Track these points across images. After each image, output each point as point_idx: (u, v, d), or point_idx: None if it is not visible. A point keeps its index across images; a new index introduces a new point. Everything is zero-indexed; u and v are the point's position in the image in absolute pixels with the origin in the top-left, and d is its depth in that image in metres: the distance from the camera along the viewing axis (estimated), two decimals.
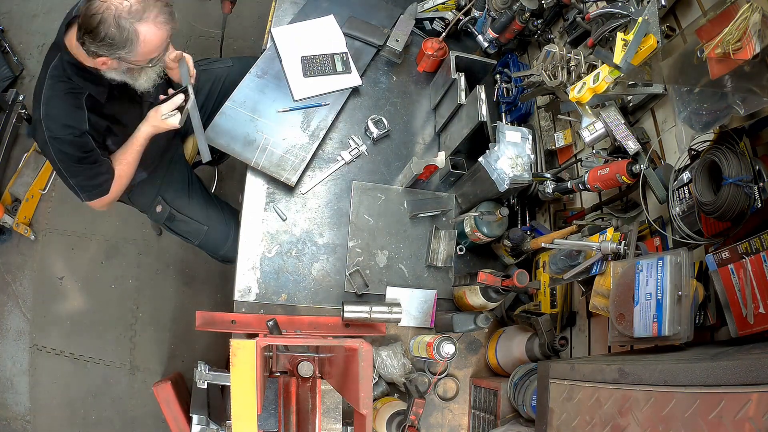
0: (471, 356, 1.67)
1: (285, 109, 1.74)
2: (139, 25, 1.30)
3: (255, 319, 1.54)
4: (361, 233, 1.69)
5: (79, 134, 1.45)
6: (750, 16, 0.92)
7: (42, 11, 2.87)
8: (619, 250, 1.24)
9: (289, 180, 1.65)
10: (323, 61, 1.79)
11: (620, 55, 1.17)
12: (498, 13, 1.79)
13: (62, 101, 1.42)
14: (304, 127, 1.73)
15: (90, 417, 2.44)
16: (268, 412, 1.43)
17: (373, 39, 1.87)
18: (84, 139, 1.46)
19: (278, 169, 1.66)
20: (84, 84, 1.43)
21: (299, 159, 1.68)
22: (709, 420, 0.77)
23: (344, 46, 1.83)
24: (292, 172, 1.66)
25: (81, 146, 1.47)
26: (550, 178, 1.62)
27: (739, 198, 1.00)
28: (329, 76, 1.78)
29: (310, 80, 1.76)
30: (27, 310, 2.52)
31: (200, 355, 2.34)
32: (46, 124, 1.43)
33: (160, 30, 1.34)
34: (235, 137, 1.66)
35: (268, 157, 1.66)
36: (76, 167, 1.51)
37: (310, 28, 1.84)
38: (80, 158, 1.49)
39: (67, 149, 1.46)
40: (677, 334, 1.04)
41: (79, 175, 1.54)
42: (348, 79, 1.80)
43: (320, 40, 1.82)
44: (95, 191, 1.58)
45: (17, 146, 2.65)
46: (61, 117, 1.43)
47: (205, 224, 1.86)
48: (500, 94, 1.94)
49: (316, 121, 1.74)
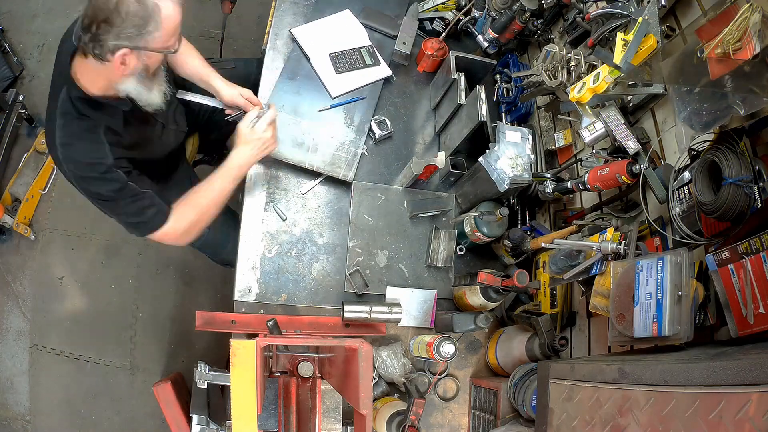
0: (471, 356, 1.67)
1: (325, 107, 1.75)
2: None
3: (255, 319, 1.54)
4: (361, 233, 1.69)
5: (106, 169, 1.36)
6: (750, 16, 0.92)
7: (42, 11, 2.87)
8: (619, 250, 1.24)
9: (346, 176, 1.68)
10: (352, 55, 1.81)
11: (620, 55, 1.17)
12: (498, 13, 1.79)
13: (80, 139, 1.34)
14: (348, 123, 1.76)
15: (90, 417, 2.44)
16: (268, 412, 1.43)
17: (387, 29, 1.90)
18: (113, 174, 1.37)
19: (333, 167, 1.68)
20: (98, 116, 1.35)
21: (351, 154, 1.71)
22: (709, 420, 0.77)
23: (367, 39, 1.86)
24: (348, 168, 1.69)
25: (111, 181, 1.37)
26: (550, 178, 1.62)
27: (739, 198, 1.00)
28: (360, 69, 1.80)
29: (342, 76, 1.78)
30: (27, 310, 2.52)
31: (200, 355, 2.33)
32: (67, 166, 1.36)
33: (176, 7, 1.26)
34: (282, 142, 1.64)
35: (320, 157, 1.67)
36: (114, 204, 1.42)
37: (329, 24, 1.86)
38: (115, 194, 1.39)
39: (96, 188, 1.38)
40: (677, 334, 1.04)
41: (119, 213, 1.44)
42: (378, 70, 1.82)
43: (343, 35, 1.85)
44: (142, 227, 1.46)
45: (17, 146, 2.65)
46: (83, 155, 1.35)
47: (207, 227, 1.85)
48: (500, 94, 1.94)
49: (358, 115, 1.77)
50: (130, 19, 1.20)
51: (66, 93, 1.32)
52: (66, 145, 1.34)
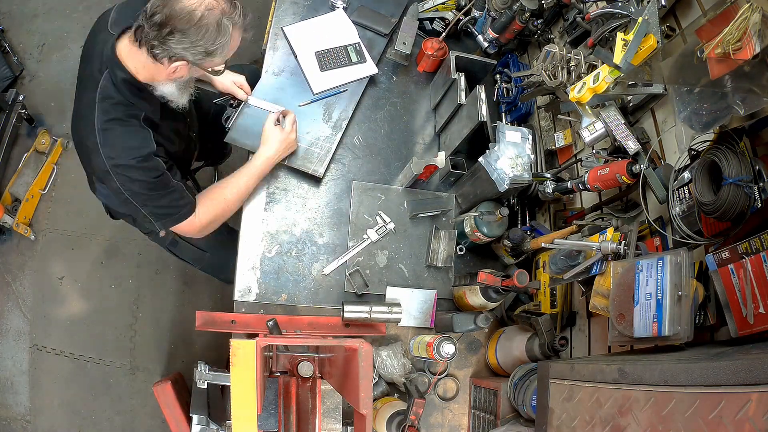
0: (471, 356, 1.67)
1: (306, 102, 1.76)
2: (234, 29, 1.23)
3: (255, 319, 1.54)
4: (361, 233, 1.69)
5: (146, 157, 1.32)
6: (750, 16, 0.92)
7: (42, 11, 2.87)
8: (619, 250, 1.24)
9: (316, 172, 1.68)
10: (337, 53, 1.81)
11: (620, 55, 1.17)
12: (498, 13, 1.79)
13: (123, 124, 1.30)
14: (326, 119, 1.76)
15: (90, 417, 2.44)
16: (268, 412, 1.43)
17: (380, 28, 1.90)
18: (152, 162, 1.34)
19: (305, 162, 1.69)
20: (140, 103, 1.33)
21: (324, 150, 1.71)
22: (709, 420, 0.77)
23: (356, 37, 1.85)
24: (319, 163, 1.70)
25: (150, 170, 1.34)
26: (550, 178, 1.62)
27: (739, 198, 1.00)
28: (345, 67, 1.80)
29: (326, 74, 1.79)
30: (27, 310, 2.52)
31: (200, 355, 2.33)
32: (105, 152, 1.29)
33: (239, 36, 1.27)
34: (258, 136, 1.64)
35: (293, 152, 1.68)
36: (147, 195, 1.37)
37: (321, 23, 1.86)
38: (152, 184, 1.36)
39: (135, 175, 1.33)
40: (677, 334, 1.04)
41: (150, 204, 1.40)
42: (364, 68, 1.82)
43: (332, 33, 1.85)
44: (169, 219, 1.44)
45: (17, 146, 2.66)
46: (124, 141, 1.31)
47: (207, 251, 1.85)
48: (500, 94, 1.94)
49: (337, 112, 1.77)
50: (206, 38, 1.20)
51: (109, 75, 1.29)
52: (107, 130, 1.29)
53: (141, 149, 1.32)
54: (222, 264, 1.88)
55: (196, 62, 1.27)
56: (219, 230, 1.89)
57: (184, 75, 1.32)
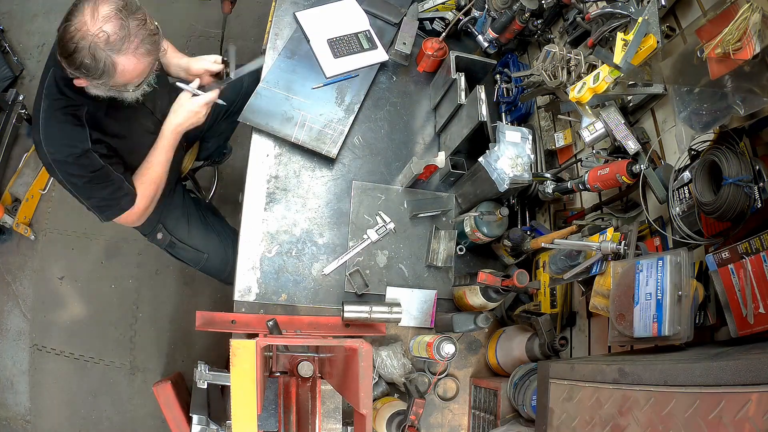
0: (471, 356, 1.67)
1: (319, 85, 1.79)
2: (117, 56, 1.22)
3: (255, 319, 1.54)
4: (361, 233, 1.69)
5: (82, 153, 1.36)
6: (750, 16, 0.92)
7: (42, 11, 2.88)
8: (619, 250, 1.24)
9: (330, 152, 1.71)
10: (349, 40, 1.85)
11: (620, 55, 1.17)
12: (498, 13, 1.79)
13: (60, 121, 1.35)
14: (339, 102, 1.79)
15: (90, 417, 2.44)
16: (268, 412, 1.43)
17: (389, 17, 1.94)
18: (89, 158, 1.38)
19: (318, 143, 1.71)
20: (80, 99, 1.35)
21: (337, 132, 1.74)
22: (709, 420, 0.77)
23: (367, 24, 1.89)
24: (332, 144, 1.72)
25: (87, 166, 1.39)
26: (550, 178, 1.62)
27: (739, 198, 1.00)
28: (357, 54, 1.84)
29: (339, 60, 1.82)
30: (27, 310, 2.53)
31: (200, 355, 2.34)
32: (46, 146, 1.35)
33: (140, 62, 1.26)
34: (272, 116, 1.71)
35: (307, 133, 1.71)
36: (87, 188, 1.43)
37: (332, 11, 1.90)
38: (89, 178, 1.41)
39: (73, 170, 1.39)
40: (677, 334, 1.04)
41: (92, 197, 1.46)
42: (375, 54, 1.86)
43: (343, 21, 1.89)
44: (111, 210, 1.50)
45: (17, 146, 2.66)
46: (61, 137, 1.35)
47: (205, 252, 1.86)
48: (500, 94, 1.94)
49: (349, 95, 1.80)
50: (82, 69, 1.23)
51: (52, 74, 1.34)
52: (47, 126, 1.35)
53: (75, 147, 1.36)
54: (219, 266, 1.89)
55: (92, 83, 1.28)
56: (217, 230, 1.90)
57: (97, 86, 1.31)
